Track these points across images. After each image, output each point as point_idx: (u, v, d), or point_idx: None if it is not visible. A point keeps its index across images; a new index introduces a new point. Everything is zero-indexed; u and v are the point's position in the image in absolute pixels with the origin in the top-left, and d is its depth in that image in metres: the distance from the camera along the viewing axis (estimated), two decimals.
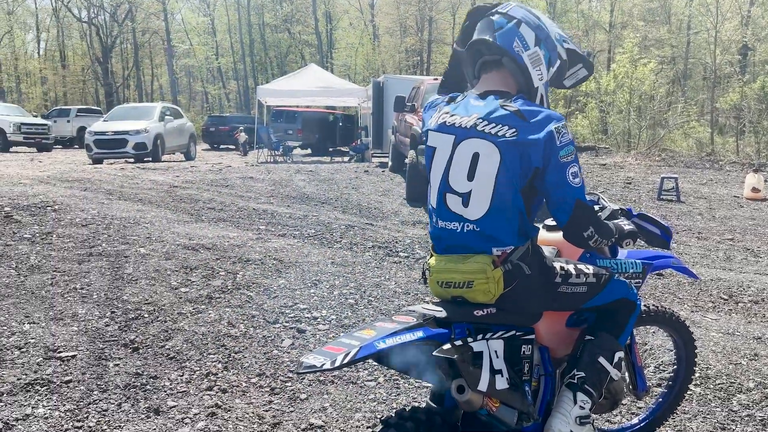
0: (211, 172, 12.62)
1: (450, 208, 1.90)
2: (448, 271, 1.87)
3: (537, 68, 1.91)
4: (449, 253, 1.92)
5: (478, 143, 1.83)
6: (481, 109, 1.87)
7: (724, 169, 15.41)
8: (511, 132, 1.78)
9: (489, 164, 1.81)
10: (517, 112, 1.80)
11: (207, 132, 26.90)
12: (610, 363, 1.96)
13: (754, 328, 4.24)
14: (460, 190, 1.87)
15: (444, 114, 1.95)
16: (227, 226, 7.04)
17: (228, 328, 3.92)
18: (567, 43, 2.03)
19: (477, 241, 1.86)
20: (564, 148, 1.77)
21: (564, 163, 1.77)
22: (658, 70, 23.19)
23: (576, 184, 1.79)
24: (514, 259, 1.84)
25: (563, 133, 1.78)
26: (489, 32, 1.93)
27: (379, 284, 4.95)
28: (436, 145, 1.95)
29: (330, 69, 39.43)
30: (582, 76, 2.15)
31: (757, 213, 9.08)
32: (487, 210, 1.83)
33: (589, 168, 14.94)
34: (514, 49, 1.89)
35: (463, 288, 1.83)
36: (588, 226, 1.83)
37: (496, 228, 1.83)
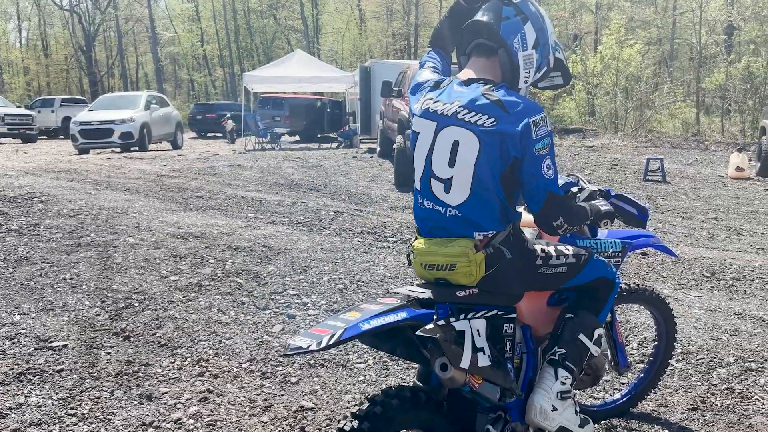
0: (198, 161, 12.58)
1: (434, 193, 1.93)
2: (432, 254, 1.91)
3: (527, 71, 1.95)
4: (433, 235, 1.96)
5: (458, 131, 1.86)
6: (463, 96, 1.89)
7: (710, 149, 15.55)
8: (490, 122, 1.82)
9: (468, 152, 1.85)
10: (498, 102, 1.83)
11: (194, 120, 26.70)
12: (590, 340, 2.02)
13: (735, 304, 4.33)
14: (441, 176, 1.91)
15: (428, 100, 1.98)
16: (216, 214, 7.06)
17: (218, 315, 3.96)
18: (558, 53, 2.08)
19: (459, 225, 1.90)
20: (540, 140, 1.81)
21: (539, 156, 1.81)
22: (645, 51, 23.25)
23: (549, 176, 1.83)
24: (495, 243, 1.88)
25: (540, 125, 1.81)
26: (495, 17, 1.94)
27: (368, 269, 5.00)
28: (420, 131, 1.98)
29: (317, 54, 39.16)
30: (557, 83, 2.20)
31: (740, 192, 9.19)
32: (467, 196, 1.87)
33: (576, 150, 15.02)
34: (514, 45, 1.92)
35: (446, 270, 1.88)
36: (558, 216, 1.88)
37: (477, 214, 1.87)
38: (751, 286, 4.73)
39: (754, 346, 3.59)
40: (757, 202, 8.36)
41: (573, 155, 13.78)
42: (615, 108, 20.86)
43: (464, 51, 2.06)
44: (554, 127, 20.47)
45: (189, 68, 47.82)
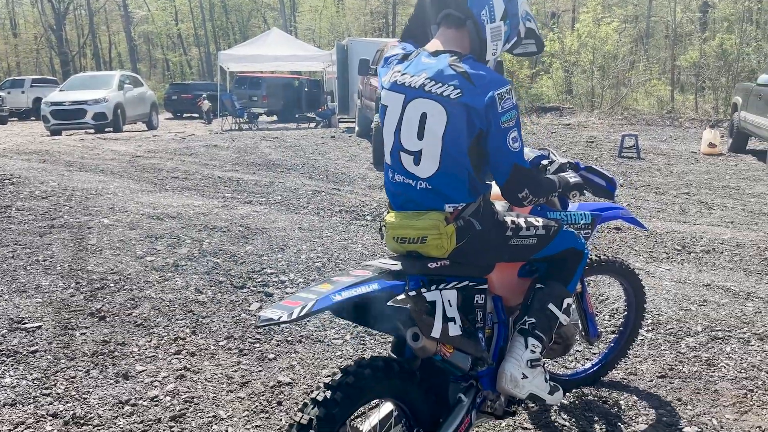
0: (174, 141, 12.43)
1: (404, 166, 1.94)
2: (403, 227, 1.92)
3: (495, 43, 1.93)
4: (405, 209, 1.97)
5: (425, 103, 1.86)
6: (430, 67, 1.88)
7: (684, 126, 15.75)
8: (456, 93, 1.81)
9: (436, 124, 1.85)
10: (464, 74, 1.82)
11: (169, 100, 26.29)
12: (559, 309, 2.06)
13: (704, 276, 4.43)
14: (411, 148, 1.91)
15: (396, 72, 1.97)
16: (192, 194, 7.00)
17: (195, 295, 3.95)
18: (530, 22, 2.06)
19: (430, 197, 1.91)
20: (506, 113, 1.81)
21: (505, 129, 1.81)
22: (621, 29, 23.33)
23: (515, 148, 1.84)
24: (465, 215, 1.89)
25: (506, 98, 1.81)
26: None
27: (346, 247, 5.01)
28: (388, 104, 1.98)
29: (294, 33, 38.65)
30: (530, 51, 2.19)
31: (712, 167, 9.35)
32: (437, 168, 1.87)
33: (553, 128, 15.12)
34: (481, 17, 1.90)
35: (418, 243, 1.89)
36: (523, 188, 1.89)
37: (447, 185, 1.88)
38: (720, 258, 4.84)
39: (721, 316, 3.69)
40: (728, 177, 8.52)
41: (550, 133, 13.87)
42: (592, 86, 20.98)
43: (435, 20, 2.03)
44: (532, 105, 20.57)
45: (163, 47, 46.92)
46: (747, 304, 3.88)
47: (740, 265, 4.69)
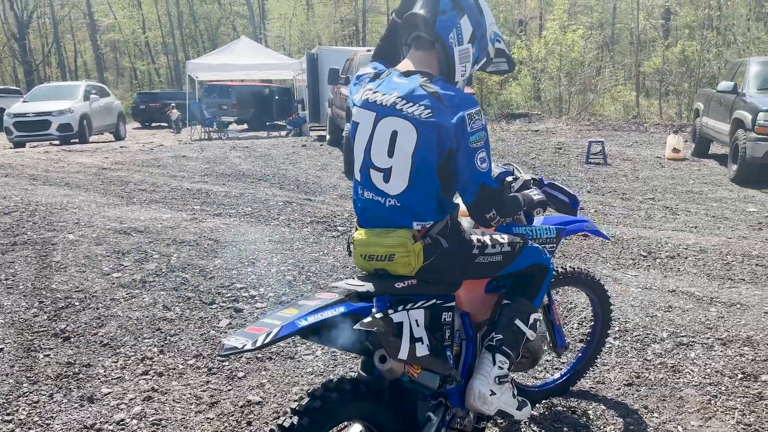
0: (142, 152, 12.25)
1: (374, 183, 1.95)
2: (371, 245, 1.93)
3: (463, 65, 1.97)
4: (373, 226, 1.98)
5: (396, 121, 1.88)
6: (402, 87, 1.91)
7: (649, 131, 16.08)
8: (426, 112, 1.84)
9: (406, 142, 1.87)
10: (434, 94, 1.85)
11: (137, 110, 25.92)
12: (525, 324, 2.08)
13: (669, 281, 4.52)
14: (381, 165, 1.93)
15: (368, 90, 1.99)
16: (160, 207, 6.90)
17: (163, 312, 3.90)
18: (499, 43, 2.11)
19: (398, 215, 1.92)
20: (475, 133, 1.83)
21: (474, 148, 1.84)
22: (587, 36, 23.76)
23: (483, 168, 1.87)
24: (433, 233, 1.91)
25: (475, 119, 1.84)
26: (431, 11, 1.94)
27: (317, 259, 4.99)
28: (359, 121, 1.99)
29: (263, 41, 38.45)
30: (502, 69, 2.23)
31: (676, 172, 9.56)
32: (406, 186, 1.89)
33: (522, 134, 15.29)
34: (449, 40, 1.93)
35: (385, 261, 1.90)
36: (491, 208, 1.92)
37: (416, 203, 1.90)
38: (685, 264, 4.94)
39: (686, 321, 3.77)
40: (692, 182, 8.72)
41: (519, 139, 14.02)
42: (559, 92, 21.30)
43: (405, 41, 2.07)
44: (501, 112, 20.80)
45: (131, 56, 46.25)
46: (710, 309, 3.97)
47: (704, 270, 4.80)
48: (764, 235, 5.86)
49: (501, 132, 15.84)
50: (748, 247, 5.38)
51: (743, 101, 8.82)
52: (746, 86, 9.21)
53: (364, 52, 12.11)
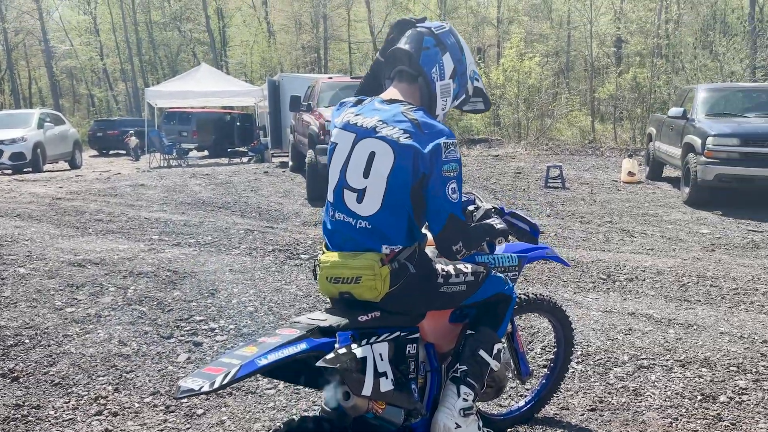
0: (98, 181, 11.97)
1: (346, 204, 1.97)
2: (338, 267, 1.93)
3: (444, 99, 2.05)
4: (342, 248, 1.99)
5: (375, 143, 1.92)
6: (383, 112, 1.97)
7: (605, 155, 16.52)
8: (405, 136, 1.89)
9: (383, 164, 1.90)
10: (414, 121, 1.91)
11: (94, 137, 25.39)
12: (490, 355, 2.08)
13: (629, 304, 4.60)
14: (355, 186, 1.95)
15: (349, 114, 2.06)
16: (117, 238, 6.72)
17: (119, 347, 3.76)
18: (478, 81, 2.18)
19: (368, 237, 1.93)
20: (449, 163, 1.88)
21: (446, 177, 1.88)
22: (543, 63, 24.45)
23: (453, 199, 1.90)
24: (401, 258, 1.92)
25: (451, 149, 1.89)
26: (415, 46, 2.03)
27: (279, 289, 4.92)
28: (338, 142, 2.04)
29: (224, 67, 38.31)
30: (479, 108, 2.30)
31: (632, 195, 9.82)
32: (379, 207, 1.92)
33: (482, 159, 15.53)
34: (432, 74, 2.01)
35: (351, 283, 1.89)
36: (458, 240, 1.95)
37: (387, 226, 1.92)
38: (643, 286, 5.04)
39: (645, 344, 3.83)
40: (647, 205, 8.96)
41: (480, 164, 14.23)
42: (518, 118, 21.77)
43: (388, 75, 2.14)
44: (462, 137, 21.11)
45: (88, 83, 45.46)
46: (669, 331, 4.05)
47: (661, 291, 4.91)
48: (717, 256, 6.03)
49: (462, 157, 16.03)
50: (702, 269, 5.53)
51: (693, 126, 9.15)
52: (695, 112, 9.57)
53: (325, 79, 12.18)
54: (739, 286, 5.04)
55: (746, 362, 3.57)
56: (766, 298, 4.74)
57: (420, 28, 2.06)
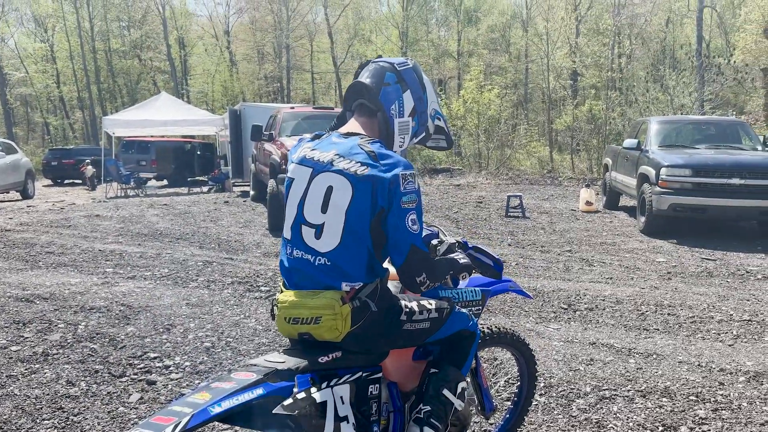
0: (51, 212, 11.59)
1: (304, 240, 1.92)
2: (297, 307, 1.86)
3: (402, 136, 2.03)
4: (300, 287, 1.92)
5: (332, 177, 1.89)
6: (340, 146, 1.94)
7: (563, 185, 16.86)
8: (362, 169, 1.85)
9: (341, 198, 1.86)
10: (371, 153, 1.88)
11: (48, 166, 24.68)
12: (453, 394, 2.03)
13: (589, 333, 4.63)
14: (313, 221, 1.90)
15: (306, 149, 2.02)
16: (68, 271, 6.48)
17: (67, 388, 3.58)
18: (439, 120, 2.17)
19: (328, 274, 1.88)
20: (407, 194, 1.85)
21: (405, 209, 1.84)
22: (503, 95, 25.01)
23: (414, 230, 1.86)
24: (362, 296, 1.87)
25: (409, 180, 1.86)
26: (377, 81, 2.01)
27: (238, 323, 4.78)
28: (295, 177, 1.99)
29: (185, 96, 38.02)
30: (441, 146, 2.29)
31: (590, 224, 10.00)
32: (338, 243, 1.87)
33: (445, 189, 15.67)
34: (391, 111, 2.00)
35: (311, 324, 1.83)
36: (421, 272, 1.90)
37: (346, 262, 1.87)
38: (603, 315, 5.09)
39: (607, 374, 3.84)
40: (605, 234, 9.13)
41: (442, 194, 14.34)
42: (479, 148, 22.12)
43: (350, 108, 2.12)
44: (424, 167, 21.31)
45: (43, 111, 44.40)
46: (629, 361, 4.07)
47: (621, 321, 4.96)
48: (673, 284, 6.16)
49: (425, 186, 16.14)
50: (659, 297, 5.62)
51: (647, 157, 9.42)
52: (648, 143, 9.86)
53: (287, 109, 12.15)
54: (696, 314, 5.13)
55: (705, 391, 3.61)
56: (721, 326, 4.83)
57: (383, 63, 2.05)
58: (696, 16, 22.11)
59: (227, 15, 44.25)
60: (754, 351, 4.30)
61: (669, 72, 19.87)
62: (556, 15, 28.48)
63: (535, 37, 29.44)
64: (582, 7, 29.45)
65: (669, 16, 32.38)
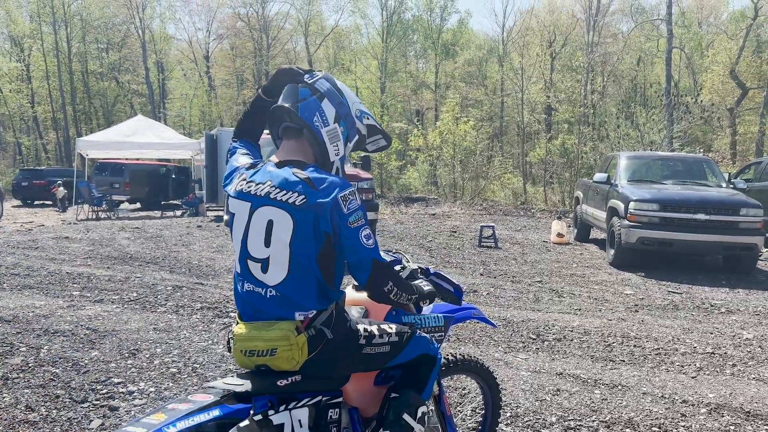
0: (18, 233, 11.38)
1: (252, 274, 1.91)
2: (252, 339, 1.86)
3: (334, 144, 2.02)
4: (255, 319, 1.92)
5: (271, 211, 1.88)
6: (275, 176, 1.93)
7: (536, 216, 17.09)
8: (300, 199, 1.85)
9: (283, 231, 1.86)
10: (306, 180, 1.88)
11: (18, 186, 24.22)
12: (414, 419, 2.04)
13: (557, 364, 4.67)
14: (258, 256, 1.90)
15: (242, 180, 2.00)
16: (33, 293, 6.35)
17: (26, 413, 3.49)
18: (368, 119, 2.16)
19: (279, 306, 1.88)
20: (352, 214, 1.86)
21: (355, 228, 1.86)
22: (478, 126, 25.42)
23: (370, 245, 1.88)
24: (317, 324, 1.87)
25: (350, 200, 1.87)
26: (292, 101, 2.01)
27: (205, 349, 4.73)
28: (236, 212, 1.98)
29: (163, 119, 37.82)
30: (382, 145, 2.29)
31: (561, 256, 10.14)
32: (285, 275, 1.87)
33: (420, 218, 15.76)
34: (314, 123, 1.99)
35: (267, 356, 1.82)
36: (387, 281, 1.93)
37: (297, 292, 1.87)
38: (570, 346, 5.14)
39: (573, 405, 3.87)
40: (575, 265, 9.26)
41: (417, 222, 14.42)
42: (454, 178, 22.35)
43: (277, 134, 2.12)
44: (400, 196, 21.44)
45: (16, 130, 43.76)
46: (595, 391, 4.11)
47: (588, 352, 5.01)
48: (640, 316, 6.26)
49: (400, 215, 16.24)
50: (626, 329, 5.71)
51: (616, 191, 9.64)
52: (618, 178, 10.09)
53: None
54: (661, 346, 5.22)
55: (667, 422, 3.65)
56: (685, 358, 4.92)
57: (296, 82, 2.06)
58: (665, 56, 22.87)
59: (207, 41, 44.45)
60: (715, 383, 4.38)
61: (639, 109, 20.45)
62: (532, 51, 29.21)
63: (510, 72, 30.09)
64: (557, 44, 30.28)
65: (640, 55, 33.44)
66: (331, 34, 40.89)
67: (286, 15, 41.70)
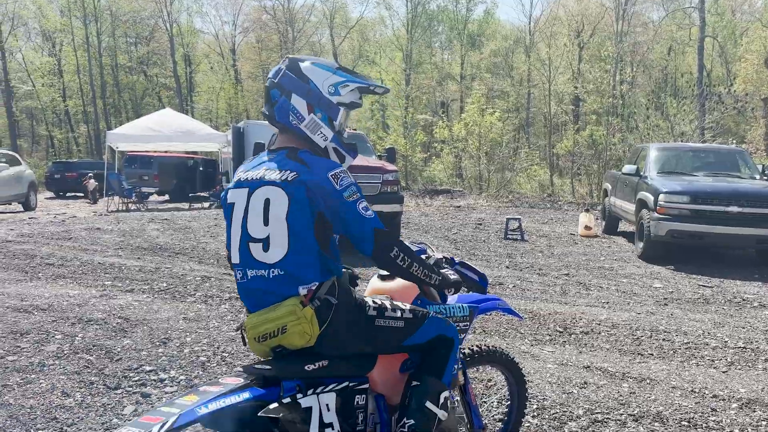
0: (52, 224, 11.65)
1: (254, 257, 1.96)
2: (261, 324, 1.91)
3: (318, 133, 2.04)
4: (261, 306, 1.96)
5: (267, 190, 1.94)
6: (269, 162, 2.01)
7: (563, 209, 16.91)
8: (293, 175, 1.91)
9: (279, 207, 1.92)
10: (299, 160, 1.95)
11: (51, 179, 24.84)
12: (436, 405, 2.05)
13: (584, 357, 4.64)
14: (258, 236, 1.95)
15: (239, 173, 2.08)
16: (67, 283, 6.51)
17: (62, 399, 3.60)
18: (348, 86, 2.08)
19: (283, 283, 1.92)
20: (346, 189, 1.91)
21: (352, 201, 1.91)
22: (504, 118, 25.22)
23: (369, 215, 1.93)
24: (321, 294, 1.91)
25: (341, 177, 1.93)
26: (268, 106, 2.08)
27: (234, 338, 4.80)
28: (234, 201, 2.03)
29: (190, 112, 38.31)
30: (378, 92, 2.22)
31: (589, 249, 10.03)
32: (286, 251, 1.92)
33: (445, 210, 15.73)
34: (292, 122, 2.03)
35: (279, 335, 1.87)
36: (392, 247, 1.95)
37: (298, 267, 1.92)
38: (598, 339, 5.10)
39: (600, 398, 3.85)
40: (603, 258, 9.15)
41: (442, 215, 14.39)
42: (479, 170, 22.22)
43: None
44: (425, 188, 21.40)
45: (48, 124, 44.75)
46: (623, 385, 4.08)
47: (616, 345, 4.97)
48: (669, 310, 6.17)
49: (425, 207, 16.22)
50: (655, 322, 5.63)
51: (646, 183, 9.48)
52: (647, 170, 9.93)
53: None
54: (691, 340, 5.14)
55: (697, 417, 3.61)
56: (715, 353, 4.84)
57: (268, 82, 2.08)
58: (697, 45, 22.37)
59: (233, 34, 44.82)
60: (747, 378, 4.31)
61: (670, 99, 20.05)
62: (559, 41, 28.83)
63: (537, 63, 29.74)
64: (584, 34, 29.81)
65: (671, 44, 32.75)
66: (356, 26, 40.86)
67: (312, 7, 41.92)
